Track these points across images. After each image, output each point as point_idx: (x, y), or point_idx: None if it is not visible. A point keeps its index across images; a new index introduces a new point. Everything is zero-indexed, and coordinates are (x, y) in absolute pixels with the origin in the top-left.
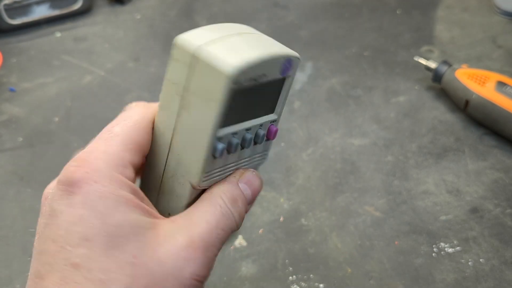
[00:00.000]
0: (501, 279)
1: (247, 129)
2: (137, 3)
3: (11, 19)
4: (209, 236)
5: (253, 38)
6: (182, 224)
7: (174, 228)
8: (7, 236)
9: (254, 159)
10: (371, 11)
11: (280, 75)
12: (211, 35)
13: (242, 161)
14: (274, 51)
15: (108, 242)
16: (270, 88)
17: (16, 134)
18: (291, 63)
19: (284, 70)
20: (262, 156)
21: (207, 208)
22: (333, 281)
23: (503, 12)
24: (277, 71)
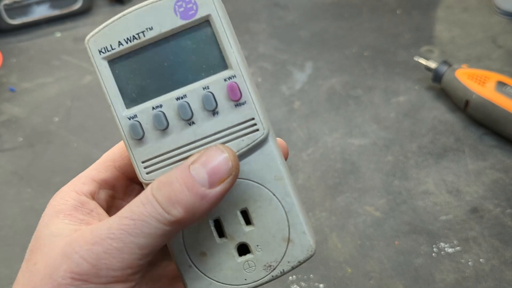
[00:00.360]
0: (501, 279)
1: (179, 97)
2: (137, 3)
3: (11, 19)
4: (105, 229)
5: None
6: (96, 224)
7: (85, 229)
8: (7, 236)
9: (231, 133)
10: (371, 11)
11: (182, 19)
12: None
13: (207, 138)
14: (143, 3)
15: (28, 254)
16: (194, 41)
17: (16, 134)
18: (190, 1)
19: (184, 12)
20: (250, 127)
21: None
22: (333, 281)
23: (503, 12)
24: (170, 17)
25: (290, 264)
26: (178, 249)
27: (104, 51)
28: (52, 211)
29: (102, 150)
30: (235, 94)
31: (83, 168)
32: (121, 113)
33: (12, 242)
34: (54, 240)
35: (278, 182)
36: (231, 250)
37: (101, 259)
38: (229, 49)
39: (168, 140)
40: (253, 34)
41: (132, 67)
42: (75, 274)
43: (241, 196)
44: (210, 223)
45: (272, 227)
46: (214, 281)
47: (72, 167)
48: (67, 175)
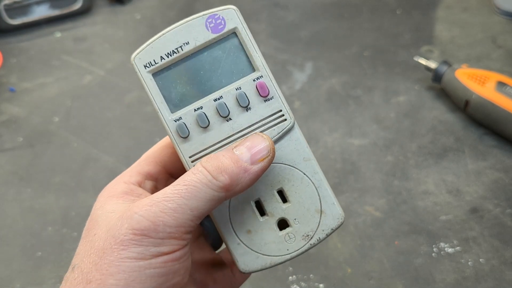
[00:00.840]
0: (501, 279)
1: (216, 98)
2: (137, 3)
3: (11, 19)
4: (161, 194)
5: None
6: (151, 195)
7: (141, 200)
8: (7, 236)
9: (263, 125)
10: (371, 11)
11: (213, 33)
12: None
13: (243, 130)
14: (179, 23)
15: (86, 232)
16: (224, 51)
17: (16, 134)
18: (218, 18)
19: (214, 27)
20: (278, 118)
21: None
22: (333, 281)
23: (503, 12)
24: (203, 32)
25: (324, 232)
26: (226, 229)
27: (149, 65)
28: (104, 197)
29: (102, 150)
30: (264, 91)
31: (83, 168)
32: (167, 117)
33: (12, 242)
34: (110, 215)
35: (307, 162)
36: (273, 225)
37: (158, 217)
38: (255, 54)
39: (210, 135)
40: (253, 34)
41: (173, 77)
42: (136, 230)
43: (276, 178)
44: (252, 204)
45: (305, 201)
46: (260, 254)
47: (72, 167)
48: (67, 175)
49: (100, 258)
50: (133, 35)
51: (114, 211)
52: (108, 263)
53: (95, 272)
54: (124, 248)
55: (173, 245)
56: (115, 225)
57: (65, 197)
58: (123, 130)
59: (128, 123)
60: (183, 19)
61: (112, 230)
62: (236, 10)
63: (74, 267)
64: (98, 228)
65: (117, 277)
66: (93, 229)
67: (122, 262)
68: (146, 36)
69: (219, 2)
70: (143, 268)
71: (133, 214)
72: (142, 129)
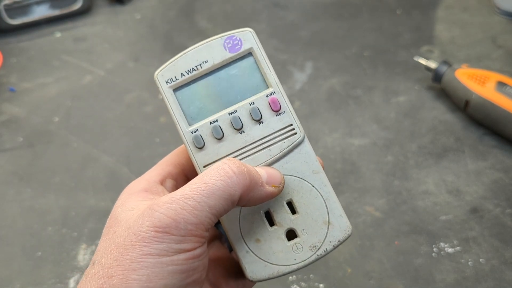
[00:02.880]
0: (501, 279)
1: (231, 112)
2: (137, 3)
3: (11, 19)
4: (180, 192)
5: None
6: (170, 193)
7: (160, 198)
8: (7, 236)
9: (275, 138)
10: (371, 11)
11: (230, 53)
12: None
13: (255, 143)
14: (200, 43)
15: (106, 229)
16: (240, 69)
17: (16, 134)
18: (236, 39)
19: (231, 47)
20: (289, 132)
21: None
22: (333, 281)
23: (503, 12)
24: (221, 52)
25: (331, 243)
26: (236, 238)
27: (170, 81)
28: (125, 195)
29: (102, 150)
30: (276, 106)
31: (83, 168)
32: (185, 129)
33: (12, 242)
34: (131, 213)
35: (316, 175)
36: (281, 235)
37: (179, 214)
38: (269, 72)
39: (224, 146)
40: None
41: (192, 93)
42: (158, 227)
43: (286, 189)
44: (262, 214)
45: (314, 213)
46: (268, 263)
47: (72, 167)
48: (67, 175)
49: (121, 254)
50: (133, 35)
51: (133, 209)
52: (130, 258)
53: (117, 268)
54: (146, 244)
55: (194, 242)
56: (136, 223)
57: (65, 197)
58: (123, 130)
59: (128, 123)
60: (182, 19)
61: (133, 227)
62: (252, 32)
63: (94, 262)
64: (118, 226)
65: (140, 273)
66: (113, 226)
67: (145, 258)
68: (146, 36)
69: (219, 2)
70: (165, 265)
71: (154, 212)
72: (142, 129)
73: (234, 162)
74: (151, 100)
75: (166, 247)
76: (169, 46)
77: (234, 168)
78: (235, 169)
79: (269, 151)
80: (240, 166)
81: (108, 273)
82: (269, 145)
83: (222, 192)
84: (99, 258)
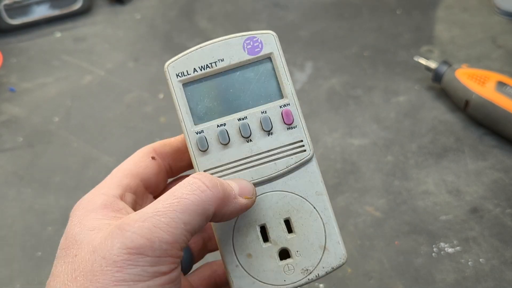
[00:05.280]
0: (501, 279)
1: (241, 118)
2: (137, 3)
3: (11, 19)
4: (151, 209)
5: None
6: (138, 210)
7: (128, 216)
8: (7, 236)
9: (282, 152)
10: (371, 11)
11: (249, 55)
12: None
13: (261, 154)
14: (218, 39)
15: (63, 251)
16: (257, 73)
17: (16, 134)
18: (257, 40)
19: (251, 49)
20: (298, 148)
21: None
22: (333, 281)
23: (503, 12)
24: (239, 52)
25: (324, 269)
26: (227, 250)
27: (181, 75)
28: (82, 211)
29: (102, 150)
30: (289, 119)
31: (83, 168)
32: (190, 128)
33: (12, 242)
34: (91, 233)
35: (319, 197)
36: (274, 253)
37: (153, 233)
38: (286, 82)
39: (228, 153)
40: None
41: (202, 90)
42: (130, 249)
43: (286, 207)
44: (257, 228)
45: (311, 235)
46: (257, 280)
47: (72, 167)
48: (67, 175)
49: (90, 281)
50: (133, 35)
51: (94, 229)
52: (101, 286)
53: None
54: (119, 269)
55: (169, 263)
56: (103, 245)
57: (65, 197)
58: (123, 130)
59: (128, 123)
60: (182, 19)
61: (100, 250)
62: (275, 36)
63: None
64: (79, 248)
65: None
66: (71, 248)
67: (118, 285)
68: (146, 36)
69: (219, 2)
70: None
71: (125, 232)
72: (142, 129)
73: (206, 175)
74: (151, 100)
75: (141, 271)
76: (169, 46)
77: (206, 181)
78: (208, 183)
79: (275, 165)
80: (212, 179)
81: None
82: (275, 159)
83: (196, 207)
84: (60, 285)
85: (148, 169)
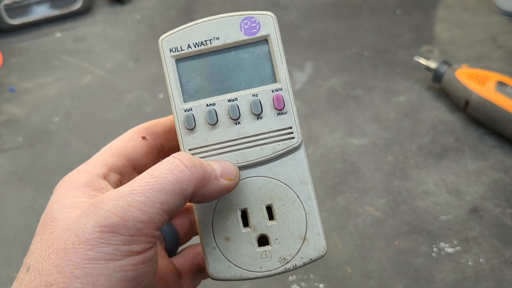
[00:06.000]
0: (501, 279)
1: (231, 99)
2: (137, 3)
3: (11, 19)
4: (127, 187)
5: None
6: (115, 189)
7: (105, 193)
8: (7, 236)
9: (270, 137)
10: (371, 11)
11: (245, 35)
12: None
13: (249, 138)
14: (215, 16)
15: (41, 228)
16: (251, 55)
17: (16, 134)
18: (254, 21)
19: (248, 29)
20: (287, 134)
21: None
22: (333, 281)
23: (503, 12)
24: (235, 32)
25: (302, 260)
26: (206, 231)
27: (174, 50)
28: (62, 189)
29: None
30: (280, 104)
31: None
32: (178, 105)
33: (12, 242)
34: (68, 211)
35: (304, 186)
36: (252, 239)
37: (127, 211)
38: (281, 66)
39: (215, 134)
40: None
41: (195, 68)
42: (103, 227)
43: (269, 193)
44: (238, 212)
45: (291, 224)
46: (233, 264)
47: (72, 167)
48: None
49: (62, 259)
50: (133, 35)
51: (71, 207)
52: (73, 264)
53: (57, 275)
54: (90, 248)
55: (144, 243)
56: (78, 222)
57: None
58: (123, 130)
59: (128, 123)
60: (182, 19)
61: (74, 227)
62: (273, 18)
63: (29, 268)
64: (55, 225)
65: (84, 281)
66: (48, 226)
67: (89, 264)
68: (146, 36)
69: (219, 2)
70: (113, 271)
71: (99, 210)
72: None
73: (185, 155)
74: (151, 100)
75: (113, 249)
76: None
77: (185, 161)
78: (187, 162)
79: (261, 150)
80: (192, 159)
81: (47, 281)
82: (262, 144)
83: (174, 187)
84: (34, 262)
85: (136, 149)
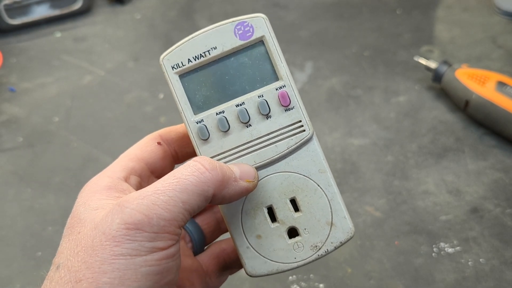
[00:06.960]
0: (501, 279)
1: (238, 104)
2: (137, 3)
3: (11, 19)
4: (151, 188)
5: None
6: (140, 189)
7: (129, 194)
8: (7, 236)
9: (282, 134)
10: (371, 11)
11: (241, 40)
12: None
13: (262, 138)
14: (209, 28)
15: (68, 230)
16: (250, 58)
17: (16, 134)
18: (247, 25)
19: (242, 34)
20: (298, 128)
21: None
22: (333, 281)
23: (503, 12)
24: (231, 38)
25: (333, 244)
26: (237, 233)
27: (176, 67)
28: (87, 193)
29: (102, 150)
30: (286, 101)
31: (83, 168)
32: (190, 118)
33: (12, 242)
34: (95, 212)
35: (322, 174)
36: (283, 233)
37: (151, 210)
38: (280, 64)
39: (229, 139)
40: None
41: (199, 80)
42: (129, 224)
43: (290, 187)
44: (264, 210)
45: (317, 213)
46: (268, 260)
47: (72, 167)
48: (67, 175)
49: (90, 256)
50: (133, 35)
51: (97, 208)
52: (100, 260)
53: (86, 271)
54: (117, 244)
55: (167, 240)
56: (104, 221)
57: (65, 197)
58: (123, 130)
59: (128, 123)
60: (182, 19)
61: (101, 226)
62: (265, 19)
63: (59, 266)
64: (82, 226)
65: (111, 275)
66: (76, 226)
67: (116, 259)
68: (146, 36)
69: (219, 2)
70: (138, 266)
71: (124, 209)
72: (142, 129)
73: (205, 159)
74: (151, 100)
75: (139, 245)
76: (169, 46)
77: (206, 164)
78: (207, 165)
79: (276, 147)
80: (212, 162)
81: (76, 277)
82: (276, 141)
83: (195, 187)
84: (64, 261)
85: (153, 153)
